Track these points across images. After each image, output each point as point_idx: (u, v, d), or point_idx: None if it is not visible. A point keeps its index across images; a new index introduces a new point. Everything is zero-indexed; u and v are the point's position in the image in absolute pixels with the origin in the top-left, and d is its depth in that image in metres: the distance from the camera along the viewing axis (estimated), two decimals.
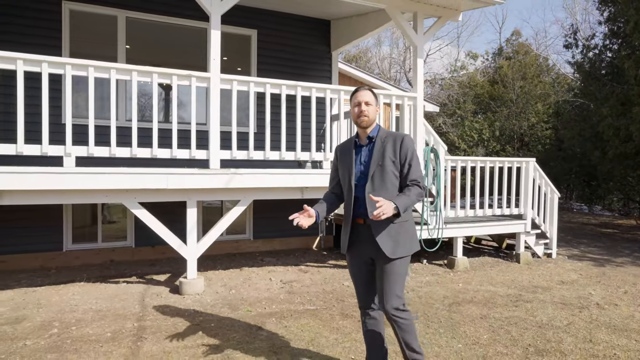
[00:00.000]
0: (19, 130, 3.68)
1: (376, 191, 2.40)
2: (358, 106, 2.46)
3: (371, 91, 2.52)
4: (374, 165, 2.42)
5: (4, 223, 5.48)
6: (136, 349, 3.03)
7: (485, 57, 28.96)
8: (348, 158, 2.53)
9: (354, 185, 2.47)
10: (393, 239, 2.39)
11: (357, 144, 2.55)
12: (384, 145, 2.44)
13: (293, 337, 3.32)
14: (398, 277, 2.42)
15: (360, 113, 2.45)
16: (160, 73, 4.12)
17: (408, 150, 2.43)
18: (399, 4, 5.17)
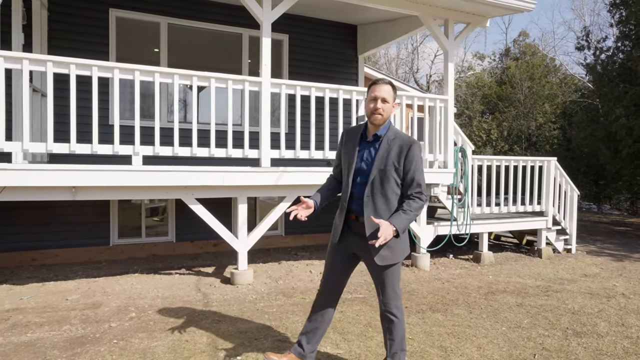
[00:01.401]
0: (94, 132, 4.00)
1: (374, 196, 2.35)
2: (374, 102, 2.33)
3: (391, 85, 2.38)
4: (375, 169, 2.34)
5: (56, 219, 5.80)
6: (216, 330, 3.35)
7: (493, 57, 29.29)
8: (351, 149, 2.44)
9: (352, 181, 2.42)
10: (386, 247, 2.35)
11: (364, 137, 2.45)
12: (389, 147, 2.34)
13: (351, 321, 3.62)
14: (393, 276, 2.44)
15: (375, 110, 2.32)
16: (217, 78, 4.43)
17: (414, 159, 2.33)
18: (433, 12, 5.47)
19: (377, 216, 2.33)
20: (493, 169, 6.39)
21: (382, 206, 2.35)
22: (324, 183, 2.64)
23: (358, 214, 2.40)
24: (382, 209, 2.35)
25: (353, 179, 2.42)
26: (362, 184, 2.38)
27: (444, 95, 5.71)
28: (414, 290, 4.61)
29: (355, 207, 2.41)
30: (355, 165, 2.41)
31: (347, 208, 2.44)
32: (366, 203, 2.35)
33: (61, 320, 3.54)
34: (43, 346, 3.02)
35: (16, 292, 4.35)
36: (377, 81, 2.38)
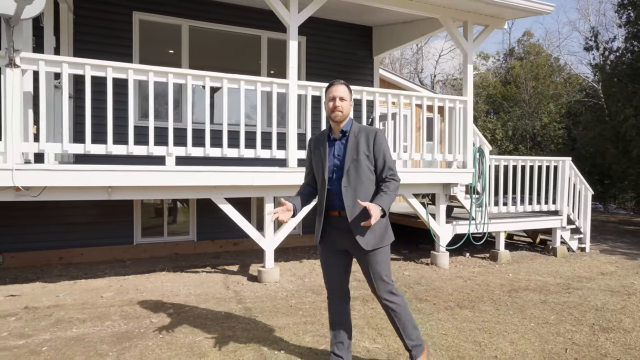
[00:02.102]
0: (130, 133, 4.10)
1: (352, 185, 2.45)
2: (332, 101, 2.49)
3: (346, 85, 2.54)
4: (348, 160, 2.45)
5: (82, 219, 5.91)
6: (255, 325, 3.45)
7: (497, 57, 29.37)
8: (322, 151, 2.55)
9: (328, 179, 2.50)
10: (370, 231, 2.44)
11: (331, 138, 2.56)
12: (357, 139, 2.48)
13: (383, 317, 3.72)
14: (381, 264, 2.49)
15: (335, 108, 2.47)
16: (246, 80, 4.53)
17: (381, 145, 2.48)
18: (452, 14, 5.56)
19: (357, 204, 2.42)
20: (510, 169, 6.48)
21: (361, 193, 2.45)
22: (299, 190, 2.71)
23: (340, 209, 2.48)
24: (361, 195, 2.45)
25: (329, 177, 2.51)
26: (338, 178, 2.48)
27: (463, 96, 5.80)
28: (438, 288, 4.71)
29: (336, 203, 2.49)
30: (328, 163, 2.52)
31: (326, 207, 2.52)
32: (345, 193, 2.44)
33: (102, 316, 3.65)
34: (91, 341, 3.12)
35: (51, 290, 4.45)
36: (333, 83, 2.54)
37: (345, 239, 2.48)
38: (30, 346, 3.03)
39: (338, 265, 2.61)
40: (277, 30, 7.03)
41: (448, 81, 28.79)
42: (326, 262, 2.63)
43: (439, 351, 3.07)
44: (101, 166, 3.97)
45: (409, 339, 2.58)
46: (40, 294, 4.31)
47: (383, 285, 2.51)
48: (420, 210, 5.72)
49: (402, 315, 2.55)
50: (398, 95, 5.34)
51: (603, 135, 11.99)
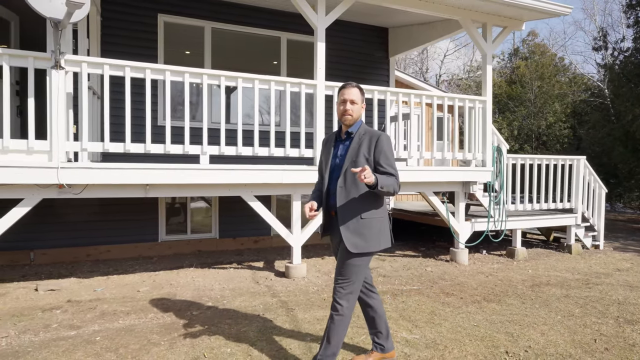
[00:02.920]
0: (167, 133, 4.24)
1: (347, 186, 2.45)
2: (344, 104, 2.50)
3: (359, 88, 2.54)
4: (348, 161, 2.46)
5: (109, 217, 6.05)
6: (294, 317, 3.58)
7: (502, 57, 29.45)
8: (328, 150, 2.62)
9: (328, 178, 2.55)
10: (358, 235, 2.42)
11: (338, 138, 2.62)
12: (360, 141, 2.48)
13: (415, 310, 3.85)
14: (350, 268, 2.44)
15: (345, 112, 2.49)
16: (276, 81, 4.67)
17: (383, 149, 2.46)
18: (473, 16, 5.69)
19: (349, 206, 2.43)
20: (526, 167, 6.60)
21: (354, 194, 2.44)
22: (315, 188, 2.77)
23: (334, 208, 2.50)
24: (354, 198, 2.44)
25: (330, 175, 2.55)
26: (337, 178, 2.50)
27: (482, 96, 5.92)
28: (463, 283, 4.83)
29: (332, 202, 2.51)
30: (331, 163, 2.56)
31: (326, 205, 2.57)
32: (339, 193, 2.45)
33: (144, 309, 3.78)
34: (141, 331, 3.26)
35: (87, 285, 4.59)
36: (346, 85, 2.54)
37: (339, 236, 2.48)
38: (84, 336, 3.17)
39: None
40: (296, 31, 7.17)
41: (453, 81, 28.87)
42: (335, 254, 2.64)
43: (474, 341, 3.20)
44: (139, 164, 4.11)
45: (325, 349, 2.45)
46: (77, 288, 4.44)
47: (342, 287, 2.44)
48: (441, 207, 5.85)
49: (337, 325, 2.44)
50: (420, 95, 5.46)
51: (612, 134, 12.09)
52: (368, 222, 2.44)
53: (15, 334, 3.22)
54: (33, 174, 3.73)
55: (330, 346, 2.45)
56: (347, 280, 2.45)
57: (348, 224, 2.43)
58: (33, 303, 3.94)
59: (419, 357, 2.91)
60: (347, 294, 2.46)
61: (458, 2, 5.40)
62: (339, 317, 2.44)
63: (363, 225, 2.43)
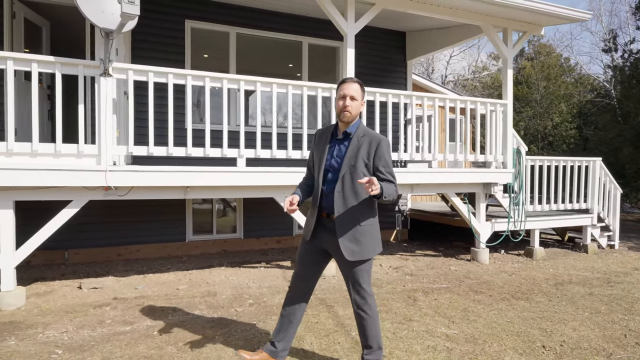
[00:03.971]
0: (207, 137, 4.41)
1: (345, 192, 2.38)
2: (343, 99, 2.40)
3: (359, 84, 2.45)
4: (345, 165, 2.37)
5: (139, 217, 6.23)
6: (335, 313, 3.75)
7: None
8: (322, 148, 2.49)
9: (322, 179, 2.44)
10: (355, 242, 2.38)
11: (334, 136, 2.50)
12: (359, 144, 2.38)
13: (449, 307, 4.01)
14: (361, 273, 2.44)
15: (344, 108, 2.39)
16: (308, 86, 4.83)
17: (383, 155, 2.39)
18: (494, 22, 5.84)
19: (348, 213, 2.38)
20: (544, 168, 6.75)
21: (353, 202, 2.38)
22: (301, 181, 2.68)
23: (329, 211, 2.42)
24: (352, 204, 2.38)
25: (324, 176, 2.44)
26: (333, 180, 2.41)
27: (503, 99, 6.08)
28: (489, 282, 4.99)
29: (326, 204, 2.43)
30: (325, 163, 2.44)
31: (318, 205, 2.47)
32: (337, 199, 2.37)
33: (189, 306, 3.95)
34: (193, 326, 3.43)
35: (126, 283, 4.77)
36: (346, 80, 2.45)
37: (331, 240, 2.42)
38: (140, 331, 3.34)
39: (314, 266, 2.57)
40: (317, 36, 7.33)
41: (459, 81, 29.01)
42: (303, 260, 2.57)
43: (511, 336, 3.36)
44: (181, 167, 4.28)
45: (368, 347, 2.52)
46: (118, 286, 4.62)
47: (360, 293, 2.46)
48: (462, 208, 6.00)
49: (370, 325, 2.48)
50: (444, 99, 5.62)
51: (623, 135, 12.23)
52: (364, 229, 2.39)
53: (74, 329, 3.39)
54: (83, 177, 3.91)
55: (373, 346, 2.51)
56: (359, 288, 2.45)
57: (346, 231, 2.37)
58: (81, 300, 4.11)
59: (460, 351, 3.07)
60: (366, 297, 2.47)
61: (481, 9, 5.56)
62: (369, 320, 2.48)
63: (360, 233, 2.39)
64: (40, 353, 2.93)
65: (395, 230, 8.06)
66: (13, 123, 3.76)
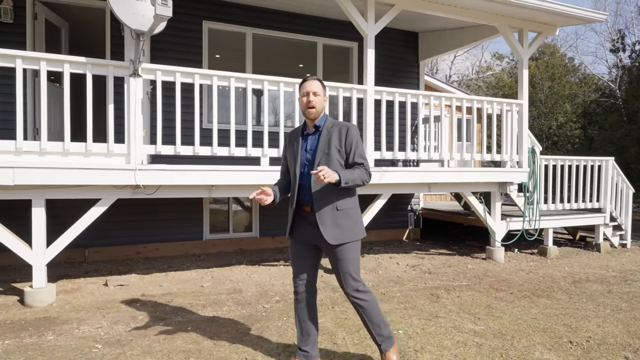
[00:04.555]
0: (232, 137, 4.47)
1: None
2: (306, 96, 2.48)
3: (320, 81, 2.55)
4: (320, 153, 2.45)
5: (157, 216, 6.30)
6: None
7: (511, 57, 29.59)
8: (295, 146, 2.57)
9: (299, 173, 2.50)
10: (336, 226, 2.43)
11: (304, 132, 2.59)
12: (329, 134, 2.48)
13: (472, 304, 4.08)
14: (349, 261, 2.47)
15: (308, 103, 2.47)
16: (330, 87, 4.89)
17: (353, 139, 2.48)
18: (510, 22, 5.90)
19: (325, 199, 2.43)
20: (558, 168, 6.80)
21: (330, 187, 2.43)
22: (277, 181, 2.72)
23: (310, 204, 2.47)
24: (330, 190, 2.44)
25: (300, 171, 2.51)
26: (309, 172, 2.48)
27: (519, 99, 6.14)
28: (507, 279, 5.05)
29: (307, 198, 2.48)
30: (300, 158, 2.52)
31: (298, 201, 2.52)
32: (314, 187, 2.44)
33: (217, 302, 4.02)
34: (225, 322, 3.49)
35: (150, 280, 4.84)
36: (306, 78, 2.54)
37: (316, 232, 2.47)
38: (174, 326, 3.40)
39: (308, 259, 2.59)
40: (331, 36, 7.40)
41: (463, 82, 29.04)
42: (296, 256, 2.60)
43: (537, 332, 3.42)
44: (206, 166, 4.34)
45: (378, 334, 2.56)
46: (143, 283, 4.69)
47: (351, 282, 2.49)
48: (478, 207, 6.06)
49: (370, 312, 2.52)
50: (461, 99, 5.68)
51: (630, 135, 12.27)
52: (344, 212, 2.45)
53: (108, 324, 3.46)
54: (113, 176, 3.98)
55: (382, 327, 2.56)
56: (348, 276, 2.49)
57: (326, 217, 2.43)
58: (109, 297, 4.18)
59: (490, 346, 3.13)
60: (358, 286, 2.50)
61: (498, 10, 5.61)
62: (368, 307, 2.52)
63: (340, 217, 2.44)
64: (81, 347, 3.00)
65: (408, 229, 8.12)
66: (46, 123, 3.83)
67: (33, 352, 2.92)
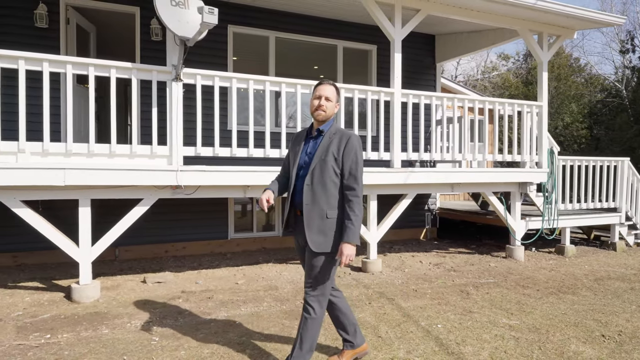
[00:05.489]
0: (267, 139, 4.63)
1: (314, 185, 2.42)
2: (318, 99, 2.50)
3: (334, 86, 2.55)
4: (316, 158, 2.44)
5: (185, 216, 6.45)
6: (398, 305, 3.95)
7: (517, 57, 29.74)
8: (297, 147, 2.59)
9: (295, 175, 2.53)
10: (322, 234, 2.42)
11: (309, 135, 2.60)
12: (330, 140, 2.47)
13: (502, 300, 4.22)
14: (321, 271, 2.44)
15: (319, 107, 2.49)
16: (360, 90, 5.05)
17: (351, 151, 2.44)
18: (530, 26, 6.04)
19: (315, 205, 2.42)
20: (575, 168, 6.93)
21: (321, 194, 2.42)
22: (277, 176, 2.74)
23: (300, 207, 2.48)
24: (320, 197, 2.42)
25: (297, 172, 2.52)
26: (304, 176, 2.48)
27: (538, 102, 6.27)
28: (532, 277, 5.19)
29: (298, 200, 2.49)
30: (299, 160, 2.53)
31: (292, 202, 2.55)
32: (305, 192, 2.43)
33: (256, 299, 4.17)
34: (269, 317, 3.64)
35: (184, 278, 4.99)
36: (322, 82, 2.56)
37: (304, 235, 2.47)
38: (222, 321, 3.55)
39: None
40: (350, 39, 7.54)
41: (469, 82, 29.14)
42: (299, 256, 2.67)
43: (569, 327, 3.56)
44: (242, 167, 4.49)
45: (299, 350, 2.47)
46: (179, 280, 4.84)
47: (312, 290, 2.47)
48: (499, 206, 6.20)
49: (310, 326, 2.47)
50: (483, 102, 5.82)
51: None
52: (331, 222, 2.43)
53: (157, 319, 3.61)
54: (156, 176, 4.13)
55: (304, 347, 2.47)
56: (314, 282, 2.47)
57: (312, 223, 2.42)
58: (150, 293, 4.34)
59: (527, 340, 3.27)
60: (318, 295, 2.47)
61: (520, 14, 5.75)
62: (311, 319, 2.46)
63: (328, 226, 2.42)
64: (139, 340, 3.15)
65: (425, 228, 8.26)
66: (94, 126, 3.98)
67: (95, 345, 3.08)
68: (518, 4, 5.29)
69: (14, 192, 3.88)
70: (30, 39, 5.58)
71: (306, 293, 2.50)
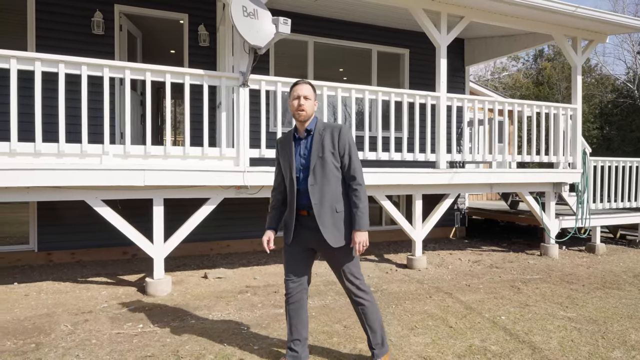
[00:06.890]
0: None
1: (318, 183, 2.45)
2: (297, 99, 2.51)
3: (310, 85, 2.57)
4: (314, 157, 2.46)
5: (228, 215, 6.69)
6: (457, 299, 4.17)
7: (526, 58, 29.93)
8: (288, 151, 2.57)
9: (296, 178, 2.52)
10: (336, 228, 2.46)
11: (296, 137, 2.58)
12: (322, 137, 2.48)
13: (552, 294, 4.43)
14: (350, 261, 2.51)
15: (299, 107, 2.49)
16: (409, 94, 5.27)
17: (346, 142, 2.49)
18: (565, 31, 6.25)
19: (325, 202, 2.46)
20: (606, 169, 7.14)
21: (327, 191, 2.46)
22: (272, 203, 2.71)
23: (308, 208, 2.50)
24: (327, 194, 2.47)
25: (297, 176, 2.52)
26: (306, 177, 2.49)
27: (573, 104, 6.48)
28: (573, 274, 5.40)
29: (304, 202, 2.50)
30: (295, 163, 2.53)
31: (296, 206, 2.54)
32: (312, 192, 2.45)
33: (320, 293, 4.40)
34: (339, 309, 3.87)
35: (241, 274, 5.22)
36: (298, 82, 2.58)
37: (314, 237, 2.50)
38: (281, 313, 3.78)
39: (302, 261, 2.61)
40: (384, 43, 7.77)
41: (479, 82, 29.30)
42: (290, 257, 2.61)
43: (625, 319, 3.77)
44: None
45: (374, 337, 2.58)
46: (238, 276, 5.08)
47: (352, 281, 2.53)
48: (535, 206, 6.41)
49: (370, 312, 2.56)
50: (522, 104, 6.04)
51: None
52: (341, 215, 2.49)
53: (234, 311, 3.85)
54: (224, 177, 4.37)
55: (376, 330, 2.59)
56: (349, 275, 2.53)
57: (326, 220, 2.46)
58: (217, 288, 4.57)
59: (588, 330, 3.49)
60: (358, 284, 2.55)
61: (556, 20, 5.96)
62: (367, 309, 2.56)
63: (340, 220, 2.48)
64: (230, 329, 3.39)
65: (454, 227, 8.48)
66: (170, 129, 4.22)
67: (190, 333, 3.31)
68: (559, 11, 5.51)
69: (96, 192, 4.12)
70: (87, 46, 5.83)
71: (351, 292, 2.55)
